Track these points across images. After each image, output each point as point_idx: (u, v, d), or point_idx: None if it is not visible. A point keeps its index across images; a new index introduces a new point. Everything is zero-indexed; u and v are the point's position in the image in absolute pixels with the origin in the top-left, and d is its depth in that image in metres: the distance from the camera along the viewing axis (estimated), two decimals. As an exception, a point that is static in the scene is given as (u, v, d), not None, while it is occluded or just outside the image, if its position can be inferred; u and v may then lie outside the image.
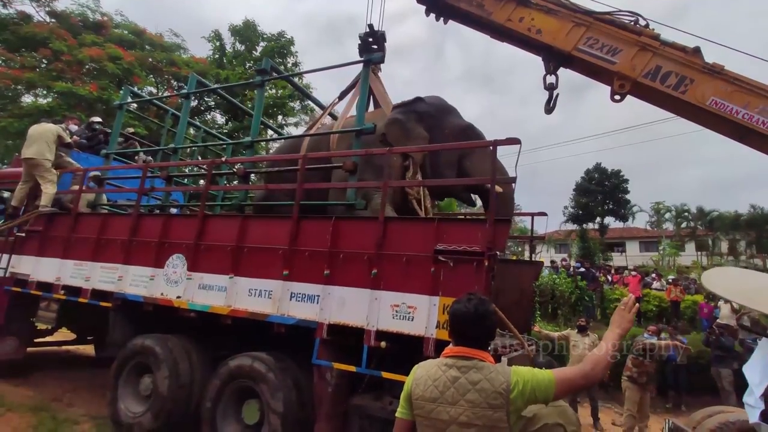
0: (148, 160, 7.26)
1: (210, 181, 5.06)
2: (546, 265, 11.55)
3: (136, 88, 13.15)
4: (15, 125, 14.29)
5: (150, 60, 18.11)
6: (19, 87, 16.16)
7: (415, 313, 3.32)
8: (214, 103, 19.97)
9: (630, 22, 4.26)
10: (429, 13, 5.14)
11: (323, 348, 3.65)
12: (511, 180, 3.30)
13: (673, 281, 12.70)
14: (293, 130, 20.57)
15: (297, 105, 20.81)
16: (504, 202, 4.34)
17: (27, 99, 16.85)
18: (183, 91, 7.07)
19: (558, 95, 4.70)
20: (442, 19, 5.12)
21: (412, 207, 4.65)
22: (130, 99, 7.26)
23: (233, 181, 8.60)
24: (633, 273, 14.12)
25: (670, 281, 12.84)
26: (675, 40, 4.09)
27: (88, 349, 7.91)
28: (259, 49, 20.89)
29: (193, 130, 8.56)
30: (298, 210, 4.10)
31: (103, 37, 17.18)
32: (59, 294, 5.40)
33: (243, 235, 4.34)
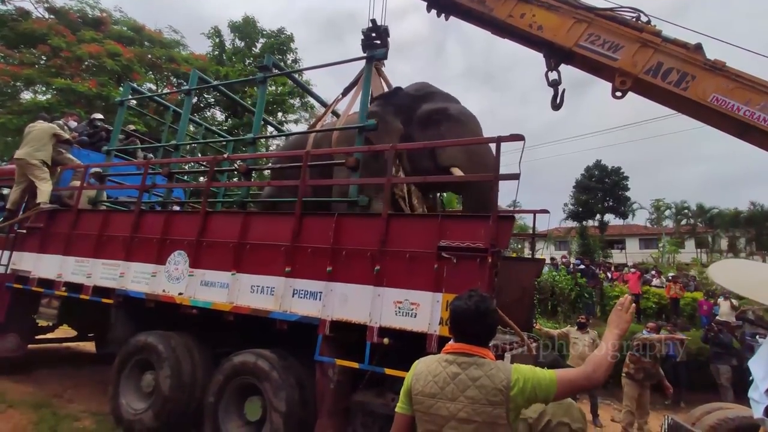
0: (148, 158, 7.25)
1: (212, 178, 5.04)
2: (546, 262, 11.54)
3: (136, 85, 13.11)
4: (14, 122, 14.26)
5: (149, 57, 18.06)
6: (17, 83, 16.12)
7: (418, 310, 3.32)
8: (213, 100, 19.94)
9: (632, 19, 4.24)
10: (430, 9, 5.10)
11: (326, 345, 3.65)
12: (515, 176, 3.29)
13: (673, 278, 12.71)
14: (293, 127, 20.55)
15: (297, 102, 20.78)
16: (481, 193, 4.33)
17: (26, 95, 16.81)
18: (184, 88, 7.05)
19: (564, 90, 4.68)
20: (444, 15, 5.10)
21: (399, 206, 4.64)
22: (131, 96, 7.25)
23: (233, 177, 8.56)
24: (632, 270, 14.13)
25: (670, 278, 12.86)
26: (677, 37, 4.08)
27: (88, 346, 7.92)
28: (258, 45, 20.86)
29: (193, 127, 8.52)
30: (301, 207, 4.10)
31: (102, 33, 17.11)
32: (60, 291, 5.39)
33: (245, 231, 4.34)
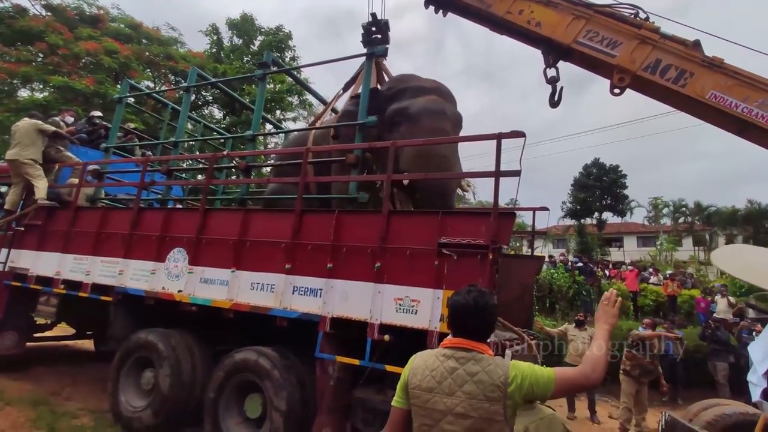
0: (147, 155, 7.23)
1: (211, 175, 5.03)
2: (544, 260, 11.55)
3: (134, 83, 13.07)
4: (11, 119, 14.13)
5: (147, 54, 18.01)
6: (15, 81, 16.02)
7: (418, 307, 3.32)
8: (212, 97, 19.88)
9: (630, 15, 4.23)
10: (428, 5, 5.06)
11: (326, 341, 3.65)
12: (516, 173, 3.28)
13: (670, 276, 12.78)
14: (291, 124, 20.53)
15: (295, 99, 20.74)
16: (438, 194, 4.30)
17: (23, 93, 16.71)
18: (183, 85, 7.02)
19: (562, 88, 4.66)
20: (442, 11, 5.07)
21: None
22: (130, 93, 7.21)
23: (232, 175, 8.55)
24: (630, 268, 14.18)
25: (668, 276, 12.92)
26: (675, 33, 4.07)
27: (87, 343, 7.90)
28: (256, 43, 20.81)
29: (191, 125, 8.51)
30: (301, 203, 4.09)
31: (100, 30, 17.06)
32: (59, 288, 5.38)
33: (245, 228, 4.33)
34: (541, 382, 1.54)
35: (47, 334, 6.93)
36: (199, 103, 19.83)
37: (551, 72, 4.58)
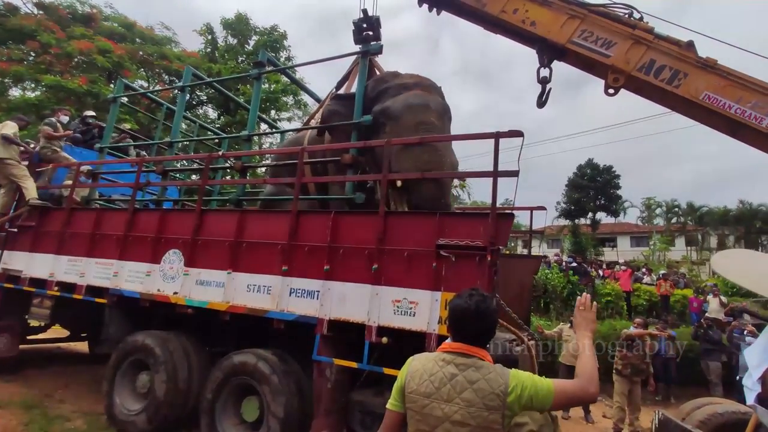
0: (141, 155, 7.18)
1: (207, 176, 5.00)
2: (539, 260, 11.57)
3: (127, 82, 12.98)
4: (2, 119, 14.01)
5: (140, 53, 17.90)
6: (6, 80, 15.88)
7: (416, 309, 3.31)
8: (206, 97, 19.78)
9: (624, 15, 4.24)
10: (422, 3, 5.04)
11: (323, 344, 3.63)
12: (514, 173, 3.29)
13: (663, 276, 12.86)
14: (286, 124, 20.48)
15: (290, 99, 20.69)
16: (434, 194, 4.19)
17: (14, 92, 16.58)
18: (178, 84, 6.97)
19: (551, 89, 4.67)
20: (435, 10, 5.04)
21: None
22: (124, 92, 7.15)
23: (227, 175, 8.50)
24: (624, 268, 14.26)
25: (661, 276, 13.00)
26: (669, 34, 4.09)
27: (80, 346, 7.83)
28: (251, 42, 20.73)
29: (185, 125, 8.44)
30: (298, 204, 4.08)
31: (93, 29, 16.93)
32: (53, 290, 5.32)
33: (241, 230, 4.31)
34: (540, 394, 1.52)
35: (41, 336, 6.87)
36: (194, 102, 19.74)
37: (544, 72, 4.59)
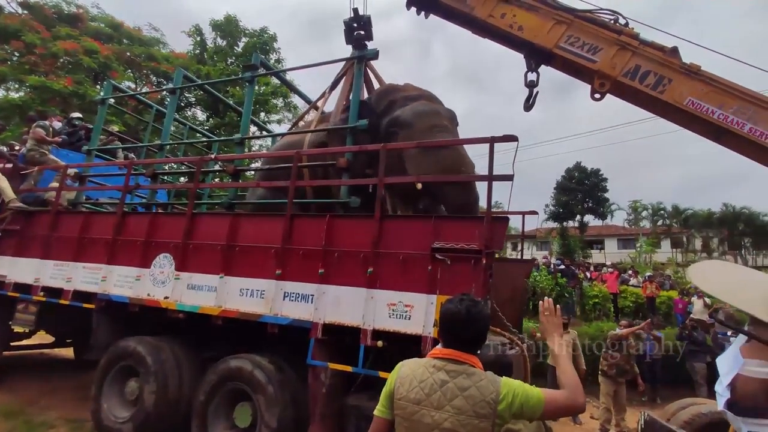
0: (130, 158, 7.08)
1: (198, 179, 4.94)
2: (529, 262, 11.65)
3: (115, 83, 12.81)
4: (-15, 120, 13.75)
5: (128, 54, 17.70)
6: (-11, 80, 15.58)
7: (412, 312, 3.31)
8: (194, 99, 19.60)
9: (610, 21, 4.31)
10: (410, 6, 5.04)
11: (318, 348, 3.61)
12: (508, 177, 3.31)
13: (649, 278, 13.06)
14: (276, 127, 20.37)
15: (280, 102, 20.61)
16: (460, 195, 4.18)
17: (-2, 93, 16.26)
18: (169, 86, 6.89)
19: (538, 93, 4.72)
20: (423, 13, 5.06)
21: None
22: (113, 94, 7.04)
23: (215, 178, 8.40)
24: (611, 270, 14.45)
25: (646, 278, 13.20)
26: (655, 40, 4.16)
27: (65, 352, 7.68)
28: (240, 44, 20.61)
29: (173, 127, 8.34)
30: (291, 208, 4.05)
31: (79, 30, 16.71)
32: (38, 296, 5.20)
33: (234, 233, 4.26)
34: (530, 403, 1.51)
35: (25, 342, 6.71)
36: (182, 104, 19.54)
37: (532, 76, 4.64)
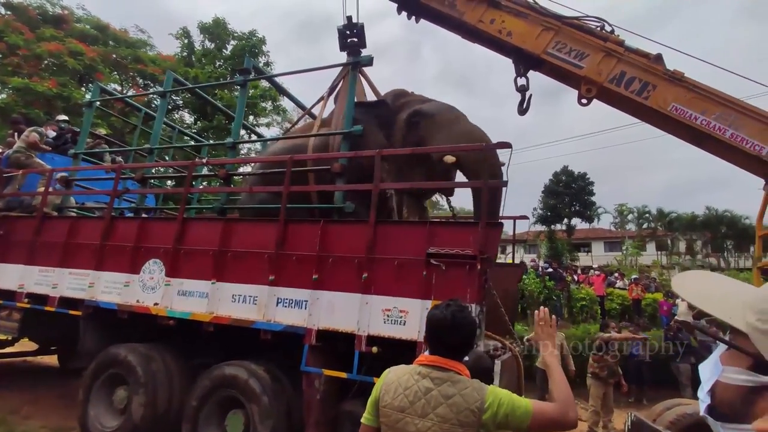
0: (117, 161, 6.97)
1: (189, 183, 4.88)
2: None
3: (102, 85, 12.63)
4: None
5: (114, 56, 17.47)
6: (-30, 82, 15.23)
7: (407, 317, 3.31)
8: (182, 102, 19.40)
9: (596, 28, 4.40)
10: (401, 11, 5.11)
11: (312, 354, 3.58)
12: (503, 183, 3.34)
13: (635, 280, 13.27)
14: (265, 130, 20.27)
15: (269, 105, 20.50)
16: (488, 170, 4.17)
17: (-21, 95, 15.89)
18: (159, 89, 6.82)
19: (531, 96, 4.79)
20: (414, 18, 5.11)
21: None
22: (101, 96, 6.93)
23: (203, 182, 8.33)
24: (598, 273, 14.64)
25: (632, 280, 13.40)
26: (639, 47, 4.25)
27: (48, 359, 7.52)
28: (229, 47, 20.47)
29: (161, 130, 8.26)
30: (285, 213, 4.02)
31: (64, 31, 16.43)
32: (23, 302, 5.08)
33: (226, 238, 4.22)
34: (517, 413, 1.47)
35: (7, 350, 6.56)
36: (169, 107, 19.32)
37: (521, 81, 4.71)
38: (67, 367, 6.87)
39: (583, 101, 4.36)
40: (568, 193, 32.98)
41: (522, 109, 4.83)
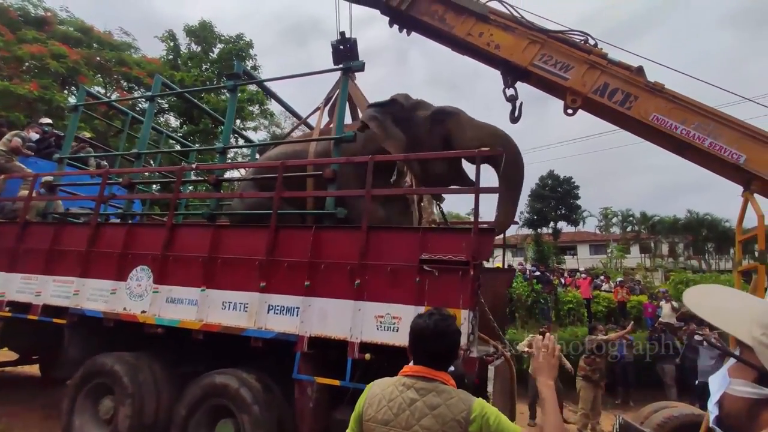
0: (103, 166, 6.85)
1: (179, 189, 4.81)
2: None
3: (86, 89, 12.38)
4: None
5: (98, 59, 17.14)
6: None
7: (400, 324, 3.30)
8: (167, 105, 19.16)
9: (581, 41, 4.54)
10: (393, 24, 5.22)
11: (304, 362, 3.55)
12: (496, 190, 3.37)
13: (620, 283, 13.51)
14: (252, 134, 20.13)
15: (256, 109, 20.38)
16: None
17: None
18: (146, 93, 6.72)
19: (522, 104, 4.90)
20: (405, 30, 5.22)
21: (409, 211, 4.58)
22: (86, 100, 6.80)
23: (190, 187, 8.20)
24: (584, 276, 14.84)
25: (618, 283, 13.62)
26: (621, 59, 4.40)
27: (29, 369, 7.30)
28: (216, 50, 20.32)
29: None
30: (276, 219, 3.99)
31: (46, 33, 16.11)
32: (4, 311, 4.95)
33: (216, 245, 4.17)
34: (504, 429, 1.41)
35: (-13, 361, 6.37)
36: (155, 111, 19.07)
37: (510, 91, 4.84)
38: (50, 377, 6.69)
39: (569, 111, 4.49)
40: (554, 197, 33.46)
41: (514, 118, 4.94)
